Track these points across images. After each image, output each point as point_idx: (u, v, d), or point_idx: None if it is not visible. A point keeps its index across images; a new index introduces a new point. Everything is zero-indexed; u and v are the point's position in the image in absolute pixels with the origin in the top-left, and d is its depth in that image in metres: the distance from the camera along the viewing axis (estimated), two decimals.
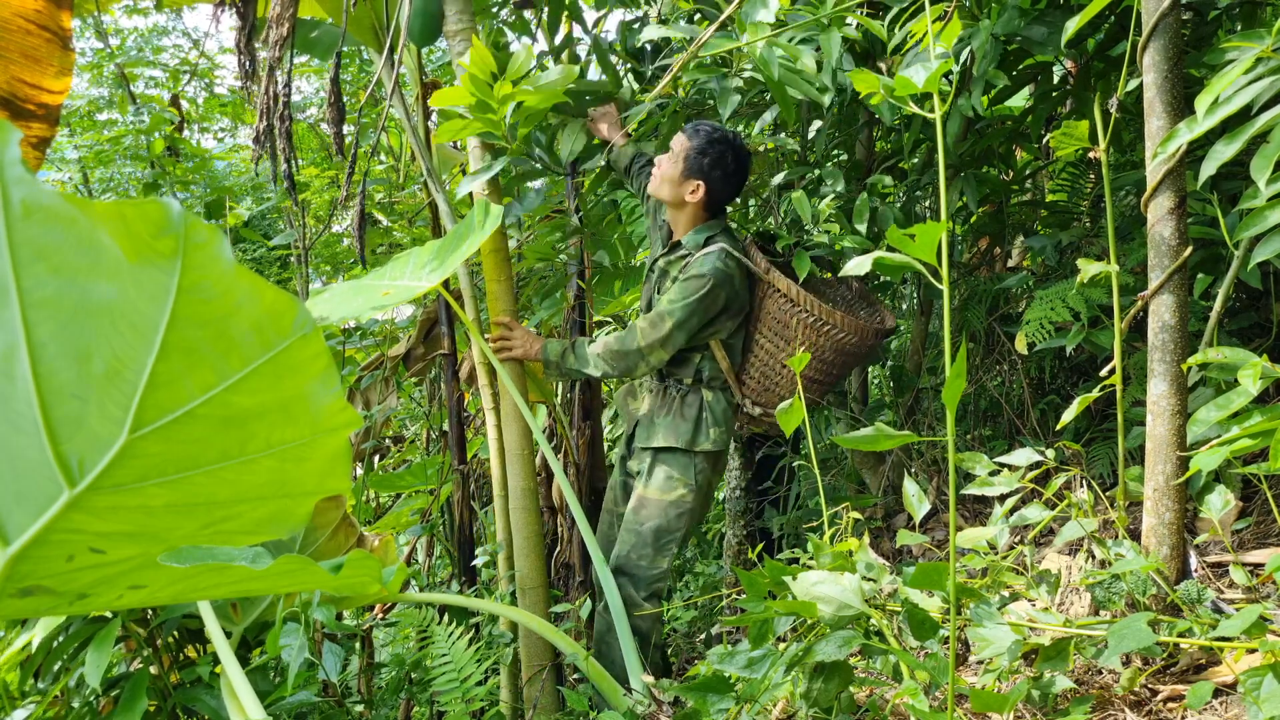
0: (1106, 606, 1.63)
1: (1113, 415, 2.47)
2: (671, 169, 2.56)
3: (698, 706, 1.50)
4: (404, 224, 4.72)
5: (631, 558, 2.63)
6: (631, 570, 2.63)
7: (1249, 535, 2.03)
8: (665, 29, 2.49)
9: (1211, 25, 2.36)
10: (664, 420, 2.67)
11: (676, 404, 2.67)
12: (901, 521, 3.17)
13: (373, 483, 3.91)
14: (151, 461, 0.82)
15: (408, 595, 2.24)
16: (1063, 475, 1.78)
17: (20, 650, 1.81)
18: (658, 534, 2.62)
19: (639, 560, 2.62)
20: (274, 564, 0.92)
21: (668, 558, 2.64)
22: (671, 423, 2.65)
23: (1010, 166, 2.98)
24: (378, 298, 2.50)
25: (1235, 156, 1.54)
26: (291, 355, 0.79)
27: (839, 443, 1.50)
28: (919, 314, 3.20)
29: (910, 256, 1.18)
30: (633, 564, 2.63)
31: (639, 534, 2.63)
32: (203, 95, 6.70)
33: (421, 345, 3.77)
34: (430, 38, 2.72)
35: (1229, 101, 1.48)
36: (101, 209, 0.71)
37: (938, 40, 1.48)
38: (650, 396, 2.76)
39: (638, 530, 2.64)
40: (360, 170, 2.83)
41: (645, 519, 2.64)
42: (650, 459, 2.70)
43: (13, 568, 0.84)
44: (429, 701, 2.45)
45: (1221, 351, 1.58)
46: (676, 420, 2.65)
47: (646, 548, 2.62)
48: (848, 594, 1.42)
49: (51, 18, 2.39)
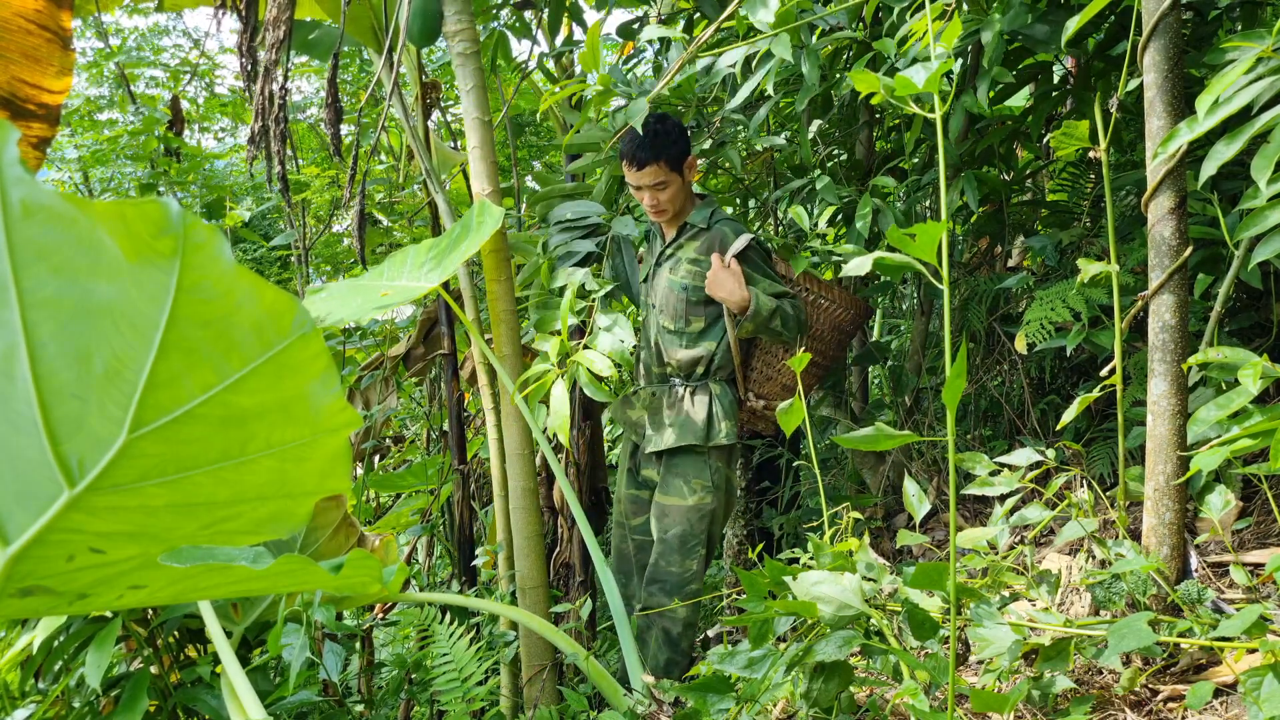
0: (1107, 606, 1.62)
1: (1113, 415, 2.47)
2: (673, 188, 2.56)
3: (698, 707, 1.50)
4: (404, 224, 4.72)
5: (660, 565, 2.63)
6: (661, 577, 2.62)
7: (1249, 535, 2.03)
8: (665, 29, 2.49)
9: (1211, 25, 2.35)
10: (673, 420, 2.64)
11: (684, 402, 2.65)
12: (901, 521, 3.17)
13: (373, 483, 3.91)
14: (151, 461, 0.82)
15: (408, 595, 2.24)
16: (1063, 475, 1.78)
17: (21, 650, 1.81)
18: (683, 540, 2.62)
19: (668, 567, 2.62)
20: (274, 564, 0.92)
21: (696, 559, 2.63)
22: (682, 421, 2.62)
23: (1010, 166, 2.98)
24: (377, 298, 2.50)
25: (1235, 156, 1.54)
26: (291, 355, 0.79)
27: (839, 443, 1.50)
28: (919, 314, 3.20)
29: (910, 256, 1.18)
30: (661, 571, 2.63)
31: (665, 542, 2.64)
32: (203, 95, 6.69)
33: (421, 345, 3.77)
34: (430, 38, 2.72)
35: (1229, 101, 1.48)
36: (101, 209, 0.71)
37: (938, 40, 1.48)
38: (651, 400, 2.75)
39: (664, 539, 2.64)
40: (360, 170, 2.83)
41: (669, 526, 2.64)
42: (664, 465, 2.68)
43: (13, 568, 0.84)
44: (429, 701, 2.45)
45: (1222, 351, 1.58)
46: (687, 418, 2.62)
47: (673, 554, 2.62)
48: (848, 594, 1.42)
49: (52, 18, 2.39)
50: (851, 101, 2.92)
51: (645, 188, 2.54)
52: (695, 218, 2.64)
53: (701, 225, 2.63)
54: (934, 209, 3.39)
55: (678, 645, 2.62)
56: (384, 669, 2.88)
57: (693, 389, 2.65)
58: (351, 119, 4.78)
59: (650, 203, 2.57)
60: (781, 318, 2.52)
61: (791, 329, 2.54)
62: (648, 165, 2.49)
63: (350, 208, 2.91)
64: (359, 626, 2.74)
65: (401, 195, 4.62)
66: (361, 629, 2.80)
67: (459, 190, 4.20)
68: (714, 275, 2.50)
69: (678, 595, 2.58)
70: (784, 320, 2.52)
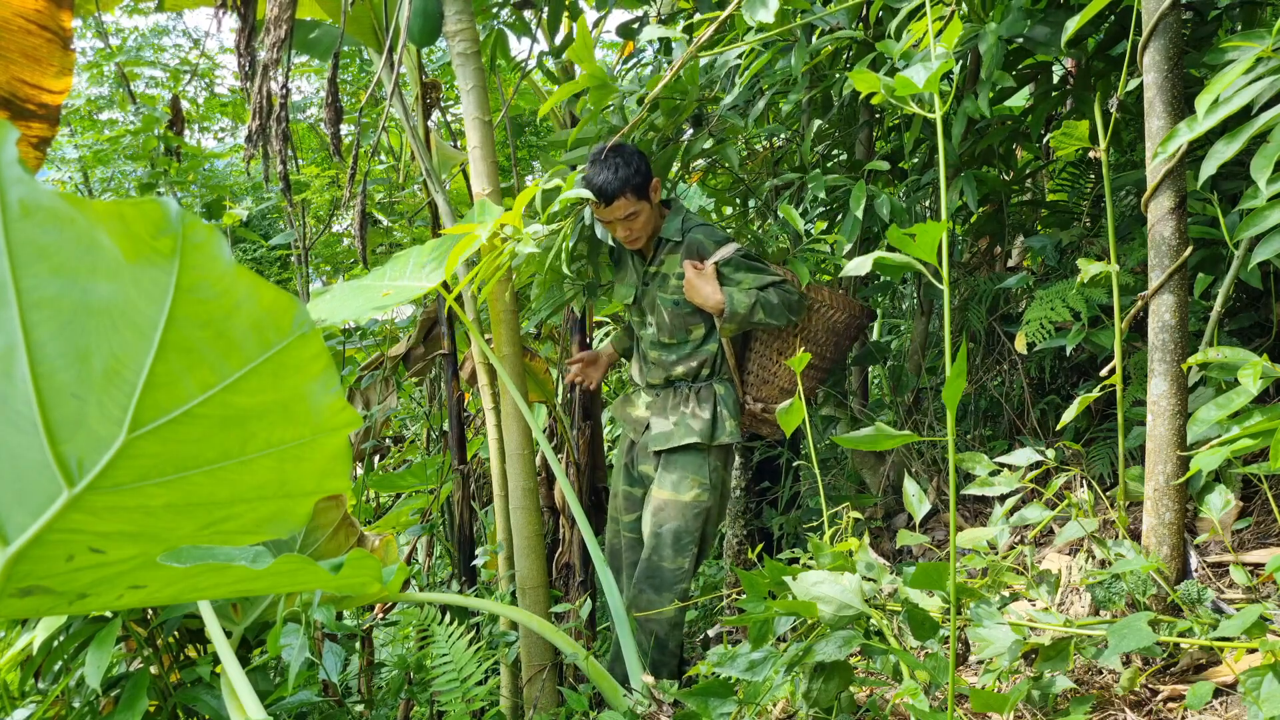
0: (1106, 606, 1.62)
1: (1113, 415, 2.47)
2: (644, 215, 2.55)
3: (699, 710, 1.50)
4: (404, 224, 4.72)
5: (652, 560, 2.64)
6: (653, 573, 2.63)
7: (1249, 535, 2.03)
8: (665, 29, 2.48)
9: (1211, 25, 2.35)
10: (678, 418, 2.66)
11: (689, 401, 2.66)
12: (901, 521, 3.17)
13: (373, 483, 3.91)
14: (151, 461, 0.82)
15: (408, 595, 2.24)
16: (1063, 475, 1.77)
17: (21, 650, 1.81)
18: (677, 535, 2.62)
19: (660, 562, 2.62)
20: (274, 564, 0.92)
21: (688, 557, 2.64)
22: (687, 419, 2.64)
23: (1010, 166, 2.98)
24: (378, 298, 2.50)
25: (1235, 156, 1.54)
26: (291, 355, 0.79)
27: (839, 443, 1.50)
28: (919, 314, 3.20)
29: (910, 256, 1.18)
30: (653, 566, 2.63)
31: (659, 536, 2.64)
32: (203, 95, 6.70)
33: (421, 345, 3.77)
34: (430, 38, 2.72)
35: (1229, 101, 1.48)
36: (100, 208, 0.71)
37: (938, 40, 1.48)
38: (654, 399, 2.75)
39: (658, 533, 2.64)
40: (361, 170, 2.83)
41: (664, 521, 2.64)
42: (662, 460, 2.69)
43: (12, 568, 0.84)
44: (429, 701, 2.45)
45: (1221, 351, 1.58)
46: (692, 417, 2.63)
47: (666, 549, 2.62)
48: (848, 594, 1.42)
49: (52, 17, 2.39)
50: (851, 101, 2.91)
51: (616, 221, 2.54)
52: (668, 231, 2.64)
53: (676, 238, 2.64)
54: (934, 209, 3.39)
55: (665, 645, 2.63)
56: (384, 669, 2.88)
57: (698, 389, 2.67)
58: (351, 119, 4.78)
59: (624, 234, 2.57)
60: (765, 308, 2.51)
61: (779, 315, 2.53)
62: (616, 200, 2.48)
63: (351, 208, 2.91)
64: (359, 626, 2.74)
65: (401, 195, 4.62)
66: (361, 629, 2.80)
67: (459, 190, 4.20)
68: (688, 282, 2.53)
69: (667, 592, 2.59)
70: (768, 309, 2.51)
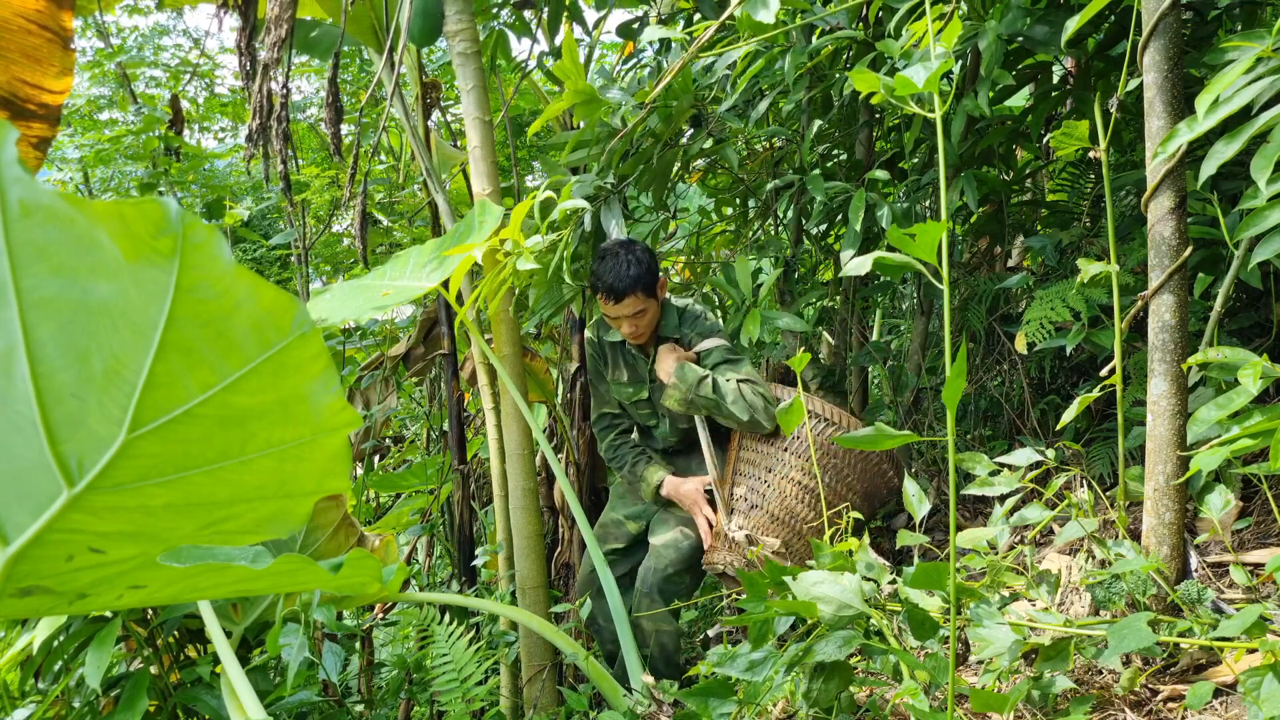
0: (1106, 606, 1.62)
1: (1113, 415, 2.47)
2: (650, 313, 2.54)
3: (699, 710, 1.50)
4: (404, 224, 4.72)
5: (669, 574, 2.65)
6: (665, 589, 2.64)
7: (1249, 535, 2.03)
8: (665, 29, 2.48)
9: (1211, 25, 2.35)
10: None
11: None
12: (901, 521, 3.17)
13: (373, 483, 3.91)
14: (150, 461, 0.82)
15: (408, 595, 2.24)
16: (1063, 475, 1.77)
17: (21, 650, 1.81)
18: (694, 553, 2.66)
19: (680, 579, 2.65)
20: (274, 564, 0.92)
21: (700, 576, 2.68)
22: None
23: (1010, 166, 2.98)
24: (378, 298, 2.50)
25: (1235, 156, 1.53)
26: (291, 355, 0.79)
27: (839, 443, 1.50)
28: (919, 314, 3.20)
29: (910, 256, 1.18)
30: (672, 583, 2.65)
31: (679, 549, 2.67)
32: (203, 95, 6.70)
33: (421, 345, 3.77)
34: (430, 38, 2.72)
35: (1229, 101, 1.48)
36: (100, 208, 0.71)
37: (938, 40, 1.48)
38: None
39: (679, 547, 2.67)
40: (361, 170, 2.83)
41: (678, 540, 2.68)
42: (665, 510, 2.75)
43: (12, 568, 0.84)
44: (429, 701, 2.45)
45: (1222, 351, 1.58)
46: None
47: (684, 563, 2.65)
48: (848, 594, 1.42)
49: (52, 17, 2.39)
50: (851, 101, 2.91)
51: (624, 317, 2.51)
52: (667, 329, 2.63)
53: (675, 336, 2.64)
54: (934, 209, 3.39)
55: (672, 659, 2.65)
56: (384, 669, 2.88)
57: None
58: (352, 119, 4.78)
59: (630, 330, 2.55)
60: (720, 390, 2.40)
61: (739, 407, 2.41)
62: (625, 298, 2.45)
63: (351, 208, 2.91)
64: (359, 626, 2.75)
65: (401, 195, 4.62)
66: (361, 629, 2.80)
67: (459, 190, 4.20)
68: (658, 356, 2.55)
69: (671, 603, 2.60)
70: (723, 392, 2.40)
